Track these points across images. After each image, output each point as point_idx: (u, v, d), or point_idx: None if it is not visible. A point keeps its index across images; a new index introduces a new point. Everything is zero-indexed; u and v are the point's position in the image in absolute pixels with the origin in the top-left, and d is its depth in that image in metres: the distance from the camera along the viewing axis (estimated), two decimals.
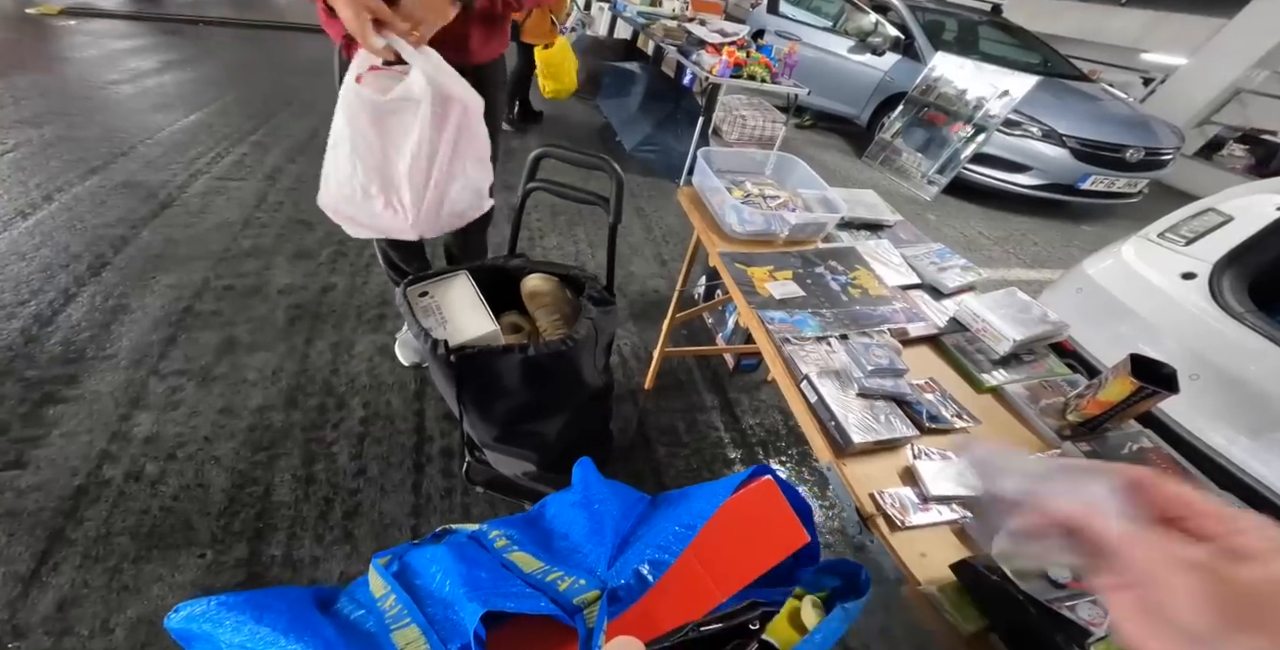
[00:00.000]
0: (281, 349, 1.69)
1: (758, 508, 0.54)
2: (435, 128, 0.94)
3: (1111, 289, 1.66)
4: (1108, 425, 0.88)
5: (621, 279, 2.44)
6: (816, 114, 5.34)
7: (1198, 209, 1.71)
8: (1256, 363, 1.34)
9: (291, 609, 0.47)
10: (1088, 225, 4.26)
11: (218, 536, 1.24)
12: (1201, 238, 1.61)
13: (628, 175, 3.45)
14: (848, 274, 1.25)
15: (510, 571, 0.51)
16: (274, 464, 1.41)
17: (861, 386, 0.94)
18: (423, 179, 0.98)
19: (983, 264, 3.39)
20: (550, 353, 0.99)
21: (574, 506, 0.59)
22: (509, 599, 0.45)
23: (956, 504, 0.79)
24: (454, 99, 0.94)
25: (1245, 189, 1.73)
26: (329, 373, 1.66)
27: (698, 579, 0.49)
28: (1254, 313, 1.44)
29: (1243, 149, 5.92)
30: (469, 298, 1.07)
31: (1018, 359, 1.07)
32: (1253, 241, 1.54)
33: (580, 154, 1.12)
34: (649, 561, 0.47)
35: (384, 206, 1.00)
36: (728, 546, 0.50)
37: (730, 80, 3.26)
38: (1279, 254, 1.53)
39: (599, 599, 0.45)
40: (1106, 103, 4.33)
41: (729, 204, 1.33)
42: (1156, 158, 4.04)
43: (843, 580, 0.59)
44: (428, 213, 1.01)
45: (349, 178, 0.99)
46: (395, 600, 0.49)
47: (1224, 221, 1.62)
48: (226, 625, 0.44)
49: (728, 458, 1.69)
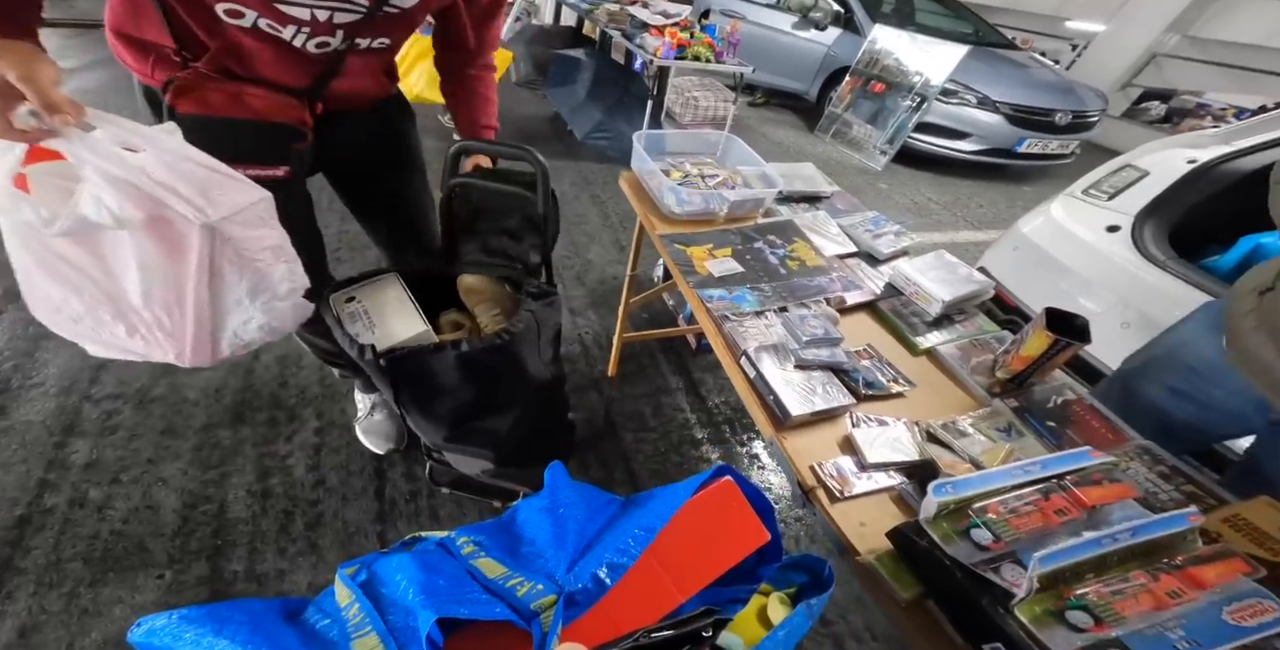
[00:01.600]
0: (224, 365, 1.59)
1: (718, 508, 0.52)
2: (168, 259, 0.64)
3: (1044, 245, 1.68)
4: (1033, 379, 0.88)
5: (580, 267, 2.38)
6: (768, 91, 5.28)
7: (1117, 166, 1.73)
8: (1180, 307, 1.36)
9: (253, 620, 0.46)
10: (1027, 186, 4.34)
11: (175, 556, 1.18)
12: (1122, 192, 1.63)
13: (581, 163, 3.43)
14: (786, 247, 1.22)
15: (473, 578, 0.50)
16: (226, 481, 1.33)
17: (798, 358, 0.91)
18: (176, 313, 0.70)
19: (932, 228, 3.40)
20: (486, 348, 0.94)
21: (540, 512, 0.58)
22: (464, 605, 0.44)
23: (894, 470, 0.77)
24: (181, 223, 0.62)
25: (1158, 144, 1.76)
26: (277, 386, 1.57)
27: (657, 581, 0.48)
28: (1175, 260, 1.46)
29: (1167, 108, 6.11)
30: (398, 300, 1.00)
31: (949, 320, 1.06)
32: (1168, 193, 1.56)
33: (502, 145, 1.04)
34: (607, 565, 0.46)
35: (129, 334, 0.72)
36: (688, 547, 0.49)
37: (675, 62, 3.18)
38: (1192, 204, 1.56)
39: (555, 603, 0.44)
40: (1034, 70, 4.39)
41: (666, 186, 1.28)
42: (1084, 120, 4.13)
43: (808, 576, 0.58)
44: (198, 344, 0.74)
45: (62, 303, 0.69)
46: (359, 609, 0.48)
47: (1141, 176, 1.64)
48: (187, 638, 0.44)
49: (695, 438, 1.67)
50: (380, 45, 0.87)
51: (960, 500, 0.58)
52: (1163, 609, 0.46)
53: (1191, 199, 1.57)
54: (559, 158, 3.40)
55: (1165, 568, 0.50)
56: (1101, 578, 0.49)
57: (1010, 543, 0.53)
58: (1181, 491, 0.69)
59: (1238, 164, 1.57)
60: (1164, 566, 0.50)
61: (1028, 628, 0.46)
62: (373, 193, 1.17)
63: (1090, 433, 0.81)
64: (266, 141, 0.83)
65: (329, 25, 0.77)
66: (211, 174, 0.67)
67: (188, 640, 0.43)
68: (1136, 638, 0.45)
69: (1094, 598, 0.47)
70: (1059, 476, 0.59)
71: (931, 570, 0.57)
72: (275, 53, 0.78)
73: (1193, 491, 0.69)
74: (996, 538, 0.53)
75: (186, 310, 0.71)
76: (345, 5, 0.76)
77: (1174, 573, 0.49)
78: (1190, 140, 1.71)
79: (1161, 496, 0.68)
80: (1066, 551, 0.49)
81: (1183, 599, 0.47)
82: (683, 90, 4.10)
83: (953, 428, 0.82)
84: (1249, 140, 1.58)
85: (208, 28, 0.73)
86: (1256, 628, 0.45)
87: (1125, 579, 0.48)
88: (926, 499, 0.59)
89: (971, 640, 0.54)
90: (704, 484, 0.53)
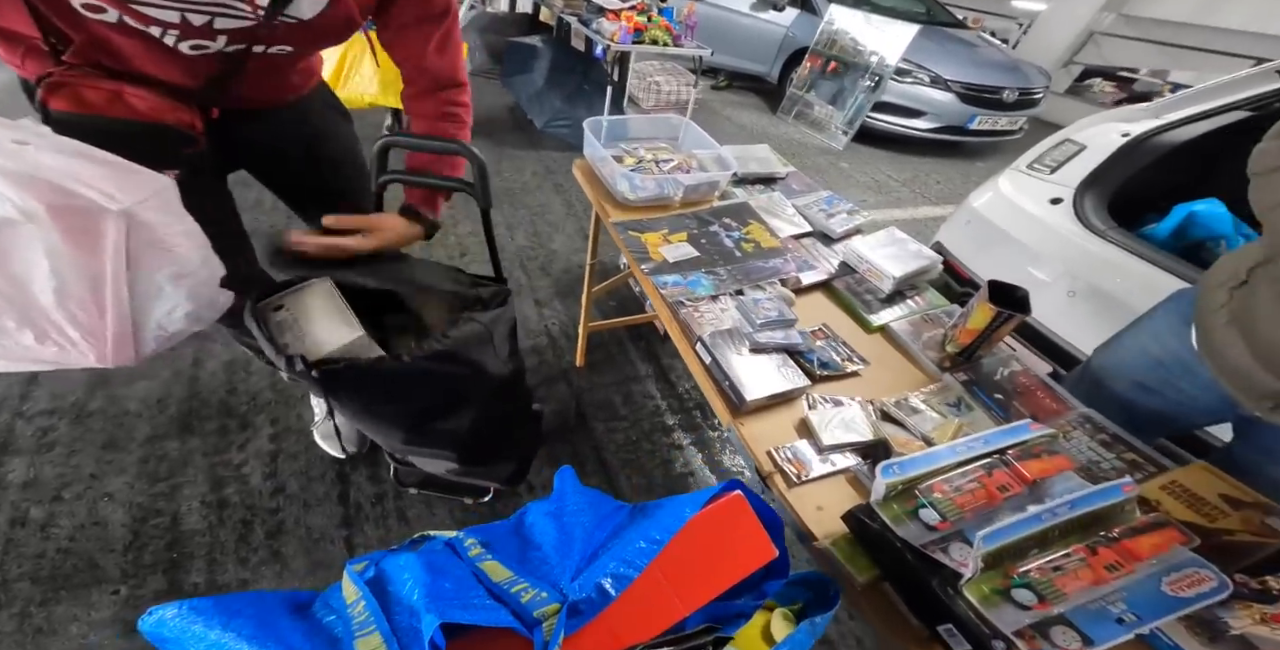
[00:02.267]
0: (165, 376, 1.49)
1: (726, 522, 0.51)
2: (80, 250, 0.60)
3: (994, 219, 1.69)
4: (980, 352, 0.87)
5: (544, 257, 2.31)
6: (730, 74, 5.20)
7: (1057, 140, 1.74)
8: (1120, 275, 1.39)
9: (260, 614, 0.46)
10: (980, 162, 4.41)
11: (128, 571, 1.12)
12: (1063, 166, 1.65)
13: (543, 152, 3.32)
14: (741, 229, 1.19)
15: (479, 581, 0.49)
16: (177, 493, 1.25)
17: (753, 342, 0.88)
18: (93, 309, 0.64)
19: (893, 205, 3.43)
20: (432, 356, 0.88)
21: (547, 517, 0.57)
22: (468, 610, 0.43)
23: (850, 451, 0.76)
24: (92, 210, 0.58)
25: (1095, 119, 1.78)
26: (226, 393, 1.48)
27: (662, 593, 0.46)
28: (1115, 229, 1.48)
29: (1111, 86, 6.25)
30: (330, 306, 0.93)
31: (902, 296, 1.05)
32: (1104, 166, 1.59)
33: (429, 140, 0.96)
34: (612, 575, 0.45)
35: (38, 340, 0.65)
36: (694, 561, 0.48)
37: (633, 47, 3.09)
38: (1128, 176, 1.59)
39: (559, 612, 0.43)
40: (982, 48, 4.42)
41: (619, 173, 1.23)
42: (1029, 97, 4.19)
43: (813, 592, 0.56)
44: (119, 341, 0.68)
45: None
46: (364, 607, 0.47)
47: (1079, 150, 1.66)
48: (194, 630, 0.44)
49: (666, 425, 1.64)
50: (282, 52, 0.79)
51: (908, 480, 0.56)
52: (1102, 583, 0.46)
53: (1127, 171, 1.60)
54: (519, 147, 3.29)
55: (1103, 541, 0.49)
56: (1044, 553, 0.48)
57: (956, 522, 0.51)
58: (1122, 460, 0.69)
59: (1168, 136, 1.60)
60: (1102, 539, 0.49)
61: (976, 608, 0.45)
62: (301, 189, 1.09)
63: (1035, 403, 0.81)
64: (151, 144, 0.74)
65: (208, 30, 0.69)
66: (107, 164, 0.62)
67: (195, 633, 0.43)
68: (1081, 613, 0.44)
69: (1036, 575, 0.46)
70: (1001, 451, 0.58)
71: (885, 553, 0.55)
72: (149, 51, 0.69)
73: (1133, 459, 0.69)
74: (943, 518, 0.51)
75: (105, 304, 0.65)
76: (229, 10, 0.67)
77: (1111, 546, 0.49)
78: (1123, 114, 1.74)
79: (1103, 465, 0.69)
80: (1008, 529, 0.48)
81: (1121, 572, 0.46)
82: (645, 75, 4.00)
83: (905, 405, 0.81)
84: (1177, 114, 1.62)
85: (68, 20, 0.64)
86: (1195, 598, 0.45)
87: (1066, 555, 0.48)
88: (876, 481, 0.57)
89: (926, 622, 0.53)
90: (714, 497, 0.52)
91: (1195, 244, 1.53)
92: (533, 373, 1.74)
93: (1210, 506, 0.59)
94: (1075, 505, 0.50)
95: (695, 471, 1.50)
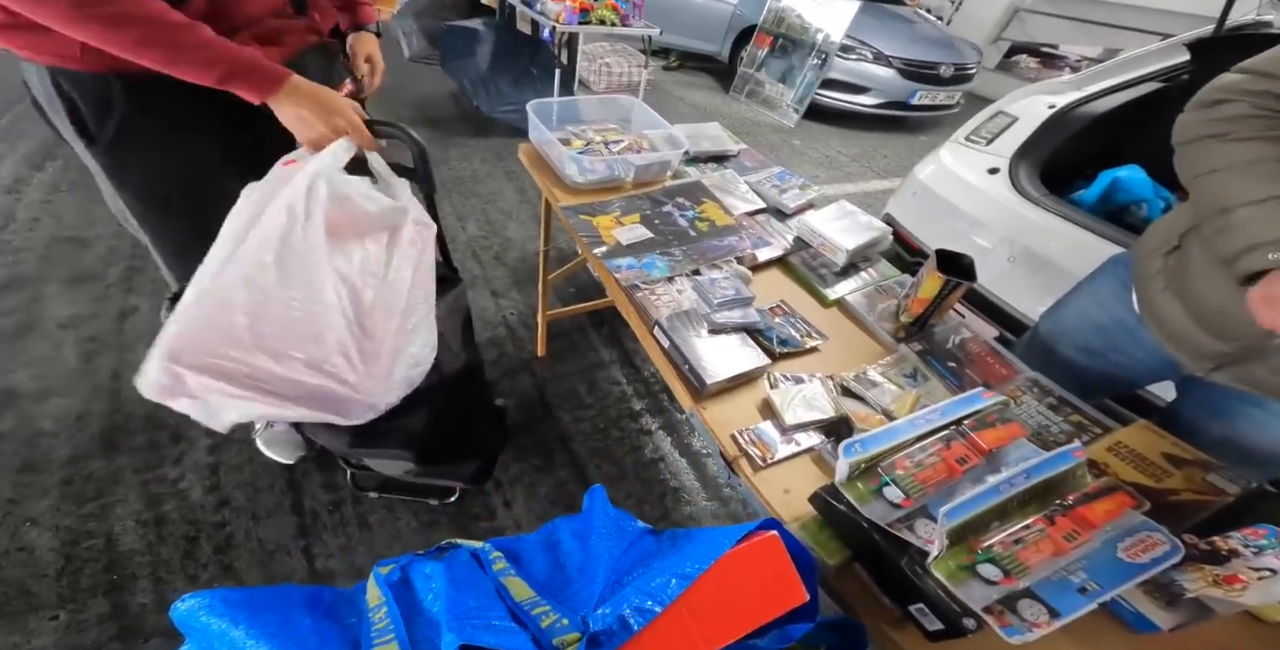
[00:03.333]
0: (83, 391, 1.34)
1: (759, 562, 0.47)
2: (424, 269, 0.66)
3: (938, 189, 1.70)
4: (933, 321, 0.86)
5: (499, 246, 2.20)
6: (682, 54, 5.07)
7: (991, 113, 1.76)
8: (1054, 239, 1.42)
9: (283, 612, 0.46)
10: (923, 135, 4.47)
11: (66, 596, 1.03)
12: (998, 137, 1.67)
13: (492, 139, 3.15)
14: (695, 208, 1.14)
15: (500, 597, 0.48)
16: (108, 513, 1.14)
17: (711, 322, 0.85)
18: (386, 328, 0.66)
19: (844, 179, 3.44)
20: None
21: (574, 536, 0.56)
22: (490, 632, 0.42)
23: (813, 429, 0.74)
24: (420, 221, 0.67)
25: (1023, 92, 1.80)
26: (153, 406, 1.33)
27: (685, 630, 0.44)
28: (1047, 196, 1.51)
29: (1035, 61, 6.44)
30: None
31: (856, 268, 1.03)
32: (1035, 136, 1.62)
33: (374, 123, 0.85)
34: (636, 608, 0.43)
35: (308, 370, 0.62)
36: (721, 600, 0.45)
37: (579, 27, 2.93)
38: (1056, 145, 1.62)
39: (578, 641, 0.42)
40: (919, 25, 4.46)
41: (566, 156, 1.15)
42: (964, 72, 4.26)
43: (839, 637, 0.54)
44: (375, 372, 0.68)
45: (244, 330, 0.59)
46: (386, 613, 0.47)
47: (1011, 122, 1.68)
48: (220, 622, 0.44)
49: (634, 411, 1.60)
50: None
51: (870, 458, 0.54)
52: (1062, 554, 0.45)
53: (1055, 140, 1.63)
54: (467, 135, 3.11)
55: (1059, 509, 0.48)
56: (1005, 525, 0.46)
57: (919, 498, 0.49)
58: (1070, 422, 0.69)
59: (1089, 107, 1.64)
60: (1058, 508, 0.48)
61: (945, 586, 0.43)
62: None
63: (987, 369, 0.81)
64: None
65: None
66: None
67: (220, 626, 0.43)
68: (1045, 586, 0.43)
69: (999, 549, 0.45)
70: (957, 422, 0.57)
71: (853, 533, 0.53)
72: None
73: (1080, 421, 0.70)
74: (906, 495, 0.49)
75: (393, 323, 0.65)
76: None
77: (1067, 514, 0.48)
78: (1049, 87, 1.77)
79: (1053, 429, 0.69)
80: (970, 503, 0.46)
81: (1079, 541, 0.45)
82: (595, 57, 3.84)
83: (864, 379, 0.79)
84: (1096, 86, 1.66)
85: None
86: (1150, 563, 0.44)
87: (1026, 526, 0.46)
88: (839, 460, 0.55)
89: (898, 602, 0.51)
90: (748, 535, 0.49)
91: (1120, 207, 1.58)
92: (493, 365, 1.66)
93: (1154, 466, 0.59)
94: (1031, 474, 0.49)
95: (665, 456, 1.47)
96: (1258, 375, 0.65)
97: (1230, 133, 0.57)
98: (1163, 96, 1.63)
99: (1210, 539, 0.50)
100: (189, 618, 0.45)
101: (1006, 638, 0.42)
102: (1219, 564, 0.48)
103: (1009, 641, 0.42)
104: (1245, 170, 0.54)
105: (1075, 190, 1.66)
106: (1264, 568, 0.46)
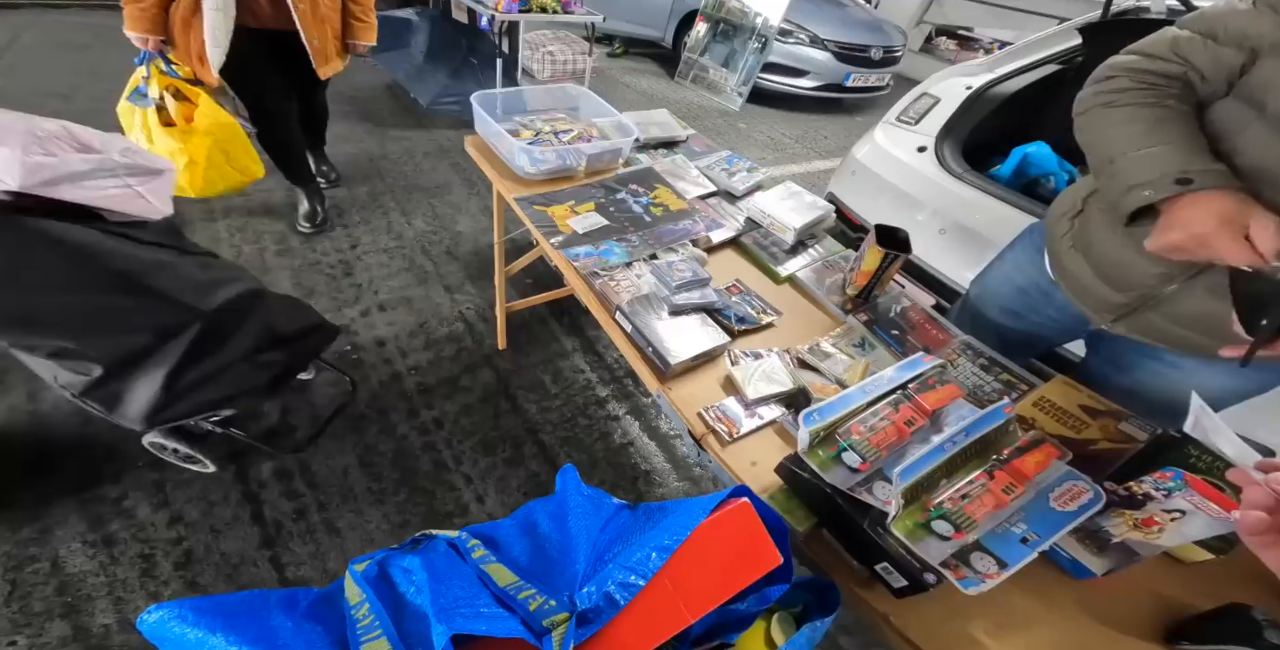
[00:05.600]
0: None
1: (733, 529, 0.48)
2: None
3: (874, 168, 1.75)
4: (876, 292, 0.89)
5: (450, 241, 2.11)
6: (626, 41, 4.93)
7: (916, 94, 1.82)
8: (978, 212, 1.50)
9: (258, 617, 0.44)
10: (860, 117, 4.59)
11: (20, 621, 0.96)
12: (924, 117, 1.73)
13: (434, 131, 2.98)
14: (649, 194, 1.12)
15: (484, 585, 0.47)
16: (48, 536, 1.05)
17: (671, 304, 0.84)
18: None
19: (789, 161, 3.48)
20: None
21: (550, 518, 0.55)
22: (479, 620, 0.42)
23: (774, 402, 0.75)
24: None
25: (943, 74, 1.87)
26: (79, 425, 1.21)
27: (669, 601, 0.44)
28: (969, 172, 1.59)
29: (954, 44, 6.68)
30: None
31: (804, 245, 1.05)
32: (955, 116, 1.69)
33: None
34: (620, 583, 0.43)
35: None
36: (701, 569, 0.46)
37: (520, 15, 2.79)
38: (974, 124, 1.70)
39: (568, 620, 0.42)
40: (851, 9, 4.51)
41: (517, 148, 1.10)
42: (891, 55, 4.37)
43: (814, 596, 0.55)
44: None
45: None
46: (369, 609, 0.45)
47: (935, 102, 1.74)
48: (191, 631, 0.42)
49: (600, 397, 1.59)
50: None
51: (828, 426, 0.55)
52: (1003, 506, 0.48)
53: (973, 119, 1.71)
54: (407, 128, 2.93)
55: (997, 463, 0.51)
56: (952, 482, 0.49)
57: (875, 461, 0.51)
58: (1000, 381, 0.74)
59: (1000, 88, 1.72)
60: (995, 462, 0.51)
61: (905, 544, 0.45)
62: None
63: (926, 335, 0.85)
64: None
65: None
66: None
67: (192, 634, 0.41)
68: (992, 538, 0.46)
69: (949, 505, 0.47)
70: (903, 386, 0.59)
71: (818, 499, 0.55)
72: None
73: (1009, 379, 0.74)
74: (863, 459, 0.51)
75: None
76: None
77: (1004, 467, 0.51)
78: (966, 69, 1.84)
79: (985, 389, 0.73)
80: (919, 463, 0.48)
81: (1016, 493, 0.48)
82: (538, 45, 3.67)
83: (818, 350, 0.81)
84: (1005, 68, 1.74)
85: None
86: (1078, 510, 0.48)
87: (970, 481, 0.49)
88: (800, 430, 0.56)
89: (865, 562, 0.53)
90: (721, 504, 0.49)
91: (1031, 181, 1.68)
92: (452, 361, 1.60)
93: (1074, 418, 0.64)
94: (969, 432, 0.52)
95: (634, 440, 1.48)
96: (1153, 324, 0.71)
97: (1115, 101, 0.65)
98: (1061, 78, 1.73)
99: (1127, 484, 0.53)
100: (159, 629, 0.42)
101: (963, 589, 0.44)
102: (1137, 508, 0.52)
103: (965, 593, 0.44)
104: (1126, 128, 0.63)
105: (993, 166, 1.75)
106: (1175, 509, 0.49)
